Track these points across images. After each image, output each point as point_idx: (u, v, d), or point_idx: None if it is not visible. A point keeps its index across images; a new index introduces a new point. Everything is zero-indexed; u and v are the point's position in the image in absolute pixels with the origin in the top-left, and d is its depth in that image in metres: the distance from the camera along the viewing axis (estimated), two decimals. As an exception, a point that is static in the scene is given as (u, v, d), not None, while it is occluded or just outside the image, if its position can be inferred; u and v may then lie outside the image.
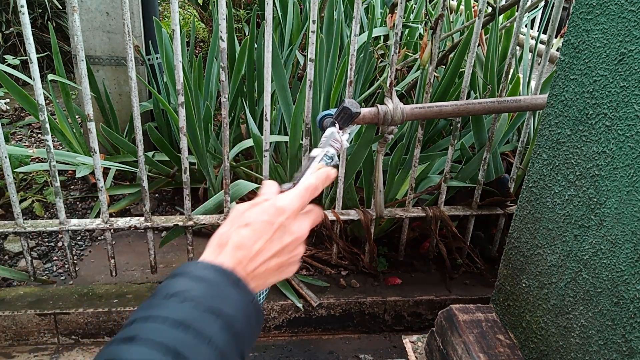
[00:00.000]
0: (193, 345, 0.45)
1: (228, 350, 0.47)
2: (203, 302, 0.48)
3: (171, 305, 0.47)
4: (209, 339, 0.46)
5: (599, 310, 0.98)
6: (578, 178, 1.03)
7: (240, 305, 0.50)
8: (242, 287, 0.52)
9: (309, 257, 1.86)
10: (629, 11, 0.89)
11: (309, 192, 0.61)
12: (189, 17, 4.70)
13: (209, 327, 0.46)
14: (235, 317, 0.49)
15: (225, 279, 0.51)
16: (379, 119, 1.42)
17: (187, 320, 0.46)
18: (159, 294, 0.49)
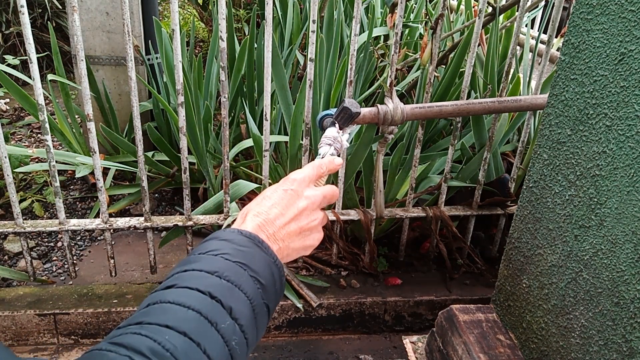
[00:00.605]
0: (225, 289, 0.50)
1: (256, 299, 0.52)
2: (232, 257, 0.53)
3: (204, 259, 0.53)
4: (239, 286, 0.51)
5: (600, 310, 0.98)
6: (578, 178, 1.03)
7: (264, 264, 0.55)
8: (265, 248, 0.57)
9: (309, 258, 1.86)
10: (629, 11, 0.88)
11: (316, 168, 0.68)
12: (189, 17, 4.70)
13: (238, 276, 0.52)
14: (260, 273, 0.54)
15: (250, 241, 0.56)
16: (379, 119, 1.42)
17: (219, 270, 0.52)
18: (194, 253, 0.55)
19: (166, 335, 0.45)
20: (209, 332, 0.47)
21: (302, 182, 0.65)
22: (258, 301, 0.53)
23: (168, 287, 0.51)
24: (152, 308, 0.49)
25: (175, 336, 0.45)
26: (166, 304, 0.48)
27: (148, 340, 0.44)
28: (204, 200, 1.87)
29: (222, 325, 0.48)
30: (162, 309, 0.48)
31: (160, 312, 0.48)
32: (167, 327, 0.46)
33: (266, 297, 0.54)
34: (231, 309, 0.49)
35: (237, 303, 0.50)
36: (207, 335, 0.47)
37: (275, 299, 0.56)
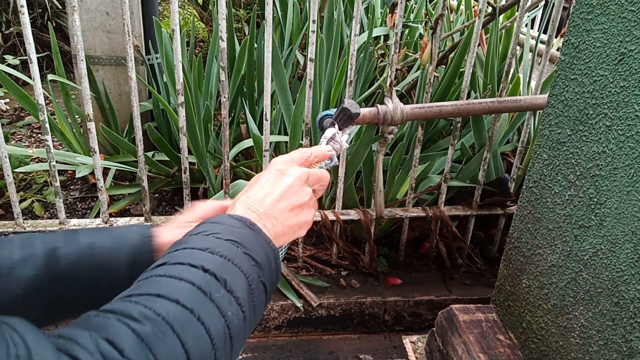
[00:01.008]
0: (219, 263, 0.49)
1: (252, 275, 0.51)
2: (223, 236, 0.52)
3: (196, 238, 0.52)
4: (233, 261, 0.50)
5: (599, 310, 0.98)
6: (578, 178, 1.03)
7: (257, 244, 0.54)
8: (257, 230, 0.56)
9: (309, 257, 1.86)
10: (629, 11, 0.88)
11: (301, 152, 0.69)
12: (189, 17, 4.70)
13: (232, 252, 0.51)
14: (254, 251, 0.53)
15: (241, 223, 0.55)
16: (379, 119, 1.42)
17: (211, 247, 0.50)
18: (184, 236, 0.54)
19: (157, 302, 0.43)
20: (203, 301, 0.45)
21: (285, 162, 0.65)
22: (254, 277, 0.51)
23: (159, 265, 0.49)
24: (142, 282, 0.47)
25: (167, 303, 0.44)
26: (157, 277, 0.47)
27: (138, 305, 0.43)
28: (204, 200, 1.87)
29: (217, 295, 0.46)
30: (152, 281, 0.47)
31: (150, 283, 0.46)
32: (158, 295, 0.44)
33: (262, 275, 0.52)
34: (225, 282, 0.48)
35: (232, 276, 0.49)
36: (201, 303, 0.45)
37: (271, 279, 0.55)
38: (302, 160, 0.69)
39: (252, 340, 1.71)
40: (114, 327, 0.41)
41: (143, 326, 0.41)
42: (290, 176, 0.63)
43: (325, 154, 0.74)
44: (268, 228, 0.58)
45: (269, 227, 0.58)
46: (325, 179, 0.68)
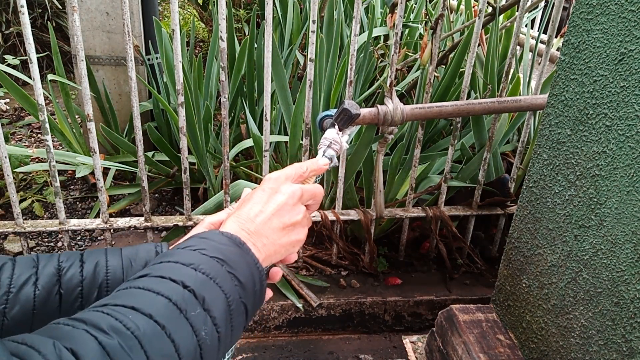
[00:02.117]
0: (200, 281, 0.49)
1: (232, 295, 0.51)
2: (209, 252, 0.52)
3: (181, 253, 0.52)
4: (215, 279, 0.49)
5: (599, 310, 0.98)
6: (578, 178, 1.03)
7: (244, 263, 0.54)
8: (246, 250, 0.55)
9: (309, 257, 1.86)
10: (629, 11, 0.88)
11: (295, 168, 0.68)
12: (189, 17, 4.70)
13: (215, 270, 0.50)
14: (238, 271, 0.52)
15: (230, 241, 0.55)
16: (379, 120, 1.42)
17: (195, 263, 0.50)
18: (171, 249, 0.54)
19: (130, 315, 0.43)
20: (177, 319, 0.45)
21: (278, 179, 0.64)
22: (234, 297, 0.51)
23: (141, 276, 0.49)
24: (120, 292, 0.47)
25: (139, 317, 0.43)
26: (135, 289, 0.47)
27: (109, 317, 0.43)
28: (204, 200, 1.87)
29: (192, 313, 0.46)
30: (130, 293, 0.47)
31: (127, 295, 0.46)
32: (132, 308, 0.44)
33: (244, 296, 0.52)
34: (204, 300, 0.48)
35: (211, 295, 0.48)
36: (174, 320, 0.45)
37: (254, 300, 0.55)
38: (296, 177, 0.68)
39: (252, 340, 1.71)
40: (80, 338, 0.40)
41: (110, 339, 0.41)
42: (283, 194, 0.62)
43: (320, 168, 0.72)
44: (258, 247, 0.57)
45: (258, 246, 0.58)
46: (319, 195, 0.67)
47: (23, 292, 0.58)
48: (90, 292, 0.62)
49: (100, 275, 0.63)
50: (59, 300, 0.60)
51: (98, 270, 0.63)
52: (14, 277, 0.58)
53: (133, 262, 0.65)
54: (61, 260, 0.62)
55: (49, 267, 0.61)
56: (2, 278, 0.57)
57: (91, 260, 0.63)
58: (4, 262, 0.59)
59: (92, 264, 0.63)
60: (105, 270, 0.63)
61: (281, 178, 0.65)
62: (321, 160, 0.75)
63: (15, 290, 0.57)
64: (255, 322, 1.71)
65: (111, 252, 0.66)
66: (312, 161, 0.73)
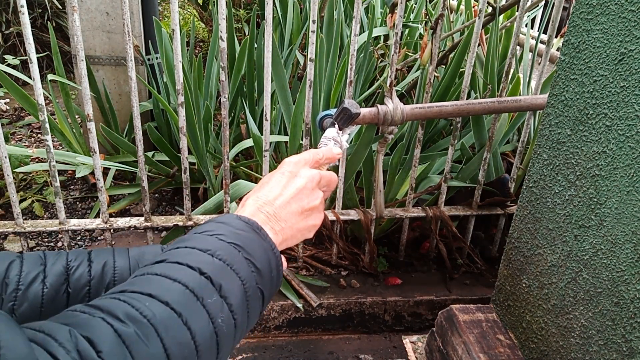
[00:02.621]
0: (217, 267, 0.49)
1: (249, 282, 0.50)
2: (226, 238, 0.52)
3: (199, 238, 0.52)
4: (232, 266, 0.49)
5: (599, 310, 0.98)
6: (578, 178, 1.03)
7: (261, 249, 0.53)
8: (263, 235, 0.55)
9: (309, 257, 1.86)
10: (629, 11, 0.88)
11: (312, 153, 0.68)
12: (189, 17, 4.70)
13: (232, 256, 0.50)
14: (255, 257, 0.52)
15: (247, 226, 0.54)
16: (379, 119, 1.42)
17: (212, 249, 0.50)
18: (189, 233, 0.54)
19: (146, 302, 0.43)
20: (194, 306, 0.45)
21: (298, 163, 0.64)
22: (251, 284, 0.51)
23: (158, 261, 0.49)
24: (137, 278, 0.47)
25: (156, 304, 0.43)
26: (152, 275, 0.47)
27: (125, 305, 0.43)
28: (204, 200, 1.87)
29: (209, 301, 0.46)
30: (147, 279, 0.47)
31: (145, 281, 0.46)
32: (149, 295, 0.44)
33: (261, 282, 0.52)
34: (221, 287, 0.47)
35: (228, 282, 0.48)
36: (191, 308, 0.45)
37: (271, 286, 0.54)
38: (314, 162, 0.68)
39: (252, 340, 1.71)
40: (97, 326, 0.40)
41: (126, 327, 0.41)
42: (303, 178, 0.62)
43: (334, 156, 0.73)
44: (276, 230, 0.57)
45: (277, 230, 0.58)
46: (334, 182, 0.68)
47: (31, 289, 0.58)
48: (97, 291, 0.62)
49: (108, 276, 0.63)
50: (67, 299, 0.60)
51: (106, 270, 0.63)
52: (22, 274, 0.58)
53: (140, 264, 0.66)
54: (69, 259, 0.62)
55: (58, 266, 0.61)
56: (10, 275, 0.58)
57: (99, 261, 0.64)
58: (12, 259, 0.59)
59: (100, 264, 0.63)
60: (113, 271, 0.64)
61: (301, 162, 0.65)
62: (335, 149, 0.75)
63: (24, 287, 0.58)
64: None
65: (118, 252, 0.66)
66: (327, 148, 0.74)
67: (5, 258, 0.59)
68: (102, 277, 0.63)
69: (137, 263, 0.66)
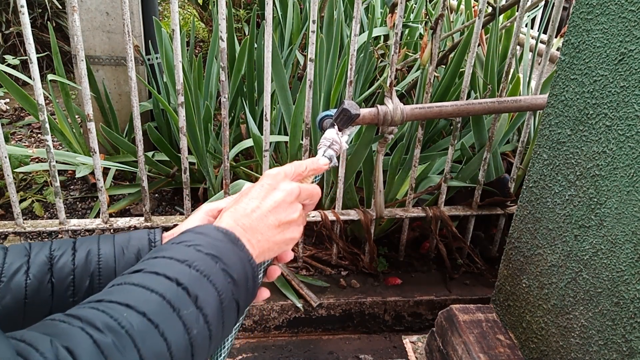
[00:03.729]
0: (193, 278, 0.49)
1: (225, 293, 0.51)
2: (204, 249, 0.52)
3: (176, 248, 0.52)
4: (208, 277, 0.50)
5: (599, 310, 0.98)
6: (578, 178, 1.03)
7: (237, 260, 0.54)
8: (240, 246, 0.55)
9: (309, 257, 1.86)
10: (629, 11, 0.88)
11: (295, 166, 0.68)
12: (189, 17, 4.70)
13: (209, 267, 0.51)
14: (232, 267, 0.53)
15: (225, 237, 0.55)
16: (379, 120, 1.42)
17: (189, 259, 0.51)
18: (167, 243, 0.54)
19: (124, 313, 0.44)
20: (170, 317, 0.46)
21: (277, 176, 0.64)
22: (227, 295, 0.51)
23: (135, 271, 0.50)
24: (115, 288, 0.48)
25: (133, 315, 0.44)
26: (130, 285, 0.47)
27: (104, 315, 0.43)
28: (204, 200, 1.87)
29: (185, 312, 0.47)
30: (124, 289, 0.47)
31: (122, 291, 0.47)
32: (127, 306, 0.45)
33: (237, 292, 0.53)
34: (197, 298, 0.48)
35: (204, 293, 0.49)
36: (167, 319, 0.45)
37: (246, 297, 0.55)
38: (295, 175, 0.67)
39: (252, 340, 1.71)
40: (76, 336, 0.41)
41: (105, 337, 0.42)
42: (281, 191, 0.62)
43: (320, 167, 0.72)
44: (252, 243, 0.57)
45: (253, 243, 0.58)
46: (316, 195, 0.67)
47: (14, 281, 0.58)
48: (82, 280, 0.62)
49: (92, 264, 0.63)
50: (51, 289, 0.60)
51: (90, 258, 0.63)
52: (5, 266, 0.58)
53: (125, 250, 0.65)
54: (53, 249, 0.62)
55: (41, 256, 0.60)
56: None
57: (83, 249, 0.63)
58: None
59: (84, 252, 0.63)
60: (98, 259, 0.63)
61: (280, 175, 0.64)
62: (321, 160, 0.74)
63: (7, 279, 0.57)
64: (255, 322, 1.71)
65: (103, 239, 0.65)
66: (312, 160, 0.72)
67: None
68: (86, 266, 0.62)
69: (123, 249, 0.65)
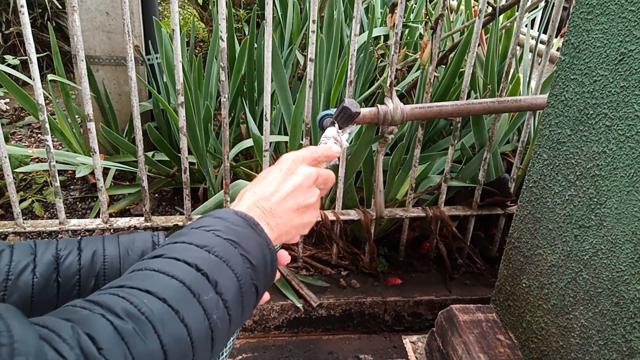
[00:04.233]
0: (213, 263, 0.50)
1: (244, 278, 0.51)
2: (223, 234, 0.53)
3: (196, 233, 0.53)
4: (228, 262, 0.50)
5: (599, 310, 0.98)
6: (578, 178, 1.03)
7: (256, 245, 0.54)
8: (259, 231, 0.56)
9: (309, 257, 1.86)
10: (629, 11, 0.88)
11: (311, 151, 0.68)
12: (189, 17, 4.70)
13: (228, 253, 0.51)
14: (251, 253, 0.53)
15: (244, 222, 0.55)
16: (379, 119, 1.42)
17: (209, 245, 0.51)
18: (186, 228, 0.55)
19: (144, 299, 0.44)
20: (190, 302, 0.46)
21: (296, 160, 0.65)
22: (246, 280, 0.52)
23: (156, 256, 0.50)
24: (135, 274, 0.48)
25: (153, 301, 0.44)
26: (150, 271, 0.48)
27: (124, 301, 0.44)
28: (204, 200, 1.87)
29: (205, 297, 0.47)
30: (145, 275, 0.47)
31: (142, 277, 0.47)
32: (147, 292, 0.45)
33: (255, 277, 0.53)
34: (216, 283, 0.48)
35: (224, 278, 0.49)
36: (187, 304, 0.46)
37: (265, 281, 0.55)
38: (312, 159, 0.68)
39: (252, 340, 1.71)
40: (97, 323, 0.41)
41: (125, 324, 0.42)
42: (300, 175, 0.63)
43: (333, 154, 0.73)
44: (271, 226, 0.58)
45: (272, 226, 0.58)
46: (331, 180, 0.68)
47: (21, 279, 0.58)
48: (87, 280, 0.62)
49: (98, 264, 0.63)
50: (57, 288, 0.60)
51: (95, 259, 0.63)
52: (12, 264, 0.59)
53: (130, 251, 0.66)
54: (59, 248, 0.62)
55: (47, 255, 0.61)
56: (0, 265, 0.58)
57: (89, 249, 0.64)
58: (2, 248, 0.60)
59: (89, 252, 0.63)
60: (103, 259, 0.64)
61: (299, 159, 0.65)
62: (335, 147, 0.75)
63: (14, 277, 0.58)
64: (255, 322, 1.71)
65: (108, 240, 0.66)
66: (325, 147, 0.73)
67: None
68: (91, 266, 0.63)
69: (127, 250, 0.66)
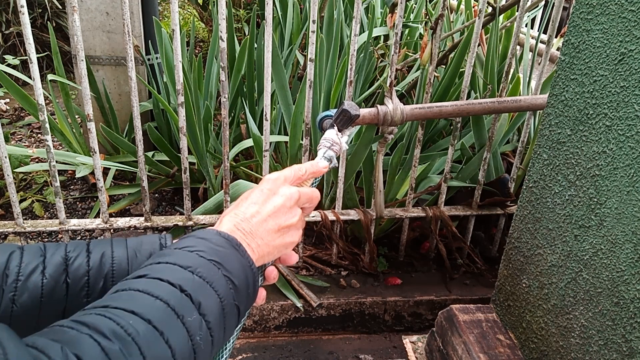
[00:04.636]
0: (197, 284, 0.50)
1: (227, 299, 0.52)
2: (207, 255, 0.53)
3: (179, 253, 0.53)
4: (211, 283, 0.51)
5: (599, 310, 0.98)
6: (578, 178, 1.03)
7: (239, 265, 0.55)
8: (242, 252, 0.56)
9: (309, 257, 1.86)
10: (629, 11, 0.88)
11: (294, 170, 0.68)
12: (189, 17, 4.70)
13: (211, 274, 0.52)
14: (233, 273, 0.54)
15: (227, 242, 0.56)
16: (379, 120, 1.42)
17: (192, 266, 0.52)
18: (169, 248, 0.55)
19: (130, 320, 0.45)
20: (174, 324, 0.47)
21: (277, 180, 0.65)
22: (229, 301, 0.52)
23: (139, 276, 0.51)
24: (119, 294, 0.49)
25: (139, 322, 0.45)
26: (135, 291, 0.48)
27: (111, 322, 0.44)
28: (204, 200, 1.87)
29: (189, 319, 0.48)
30: (130, 295, 0.48)
31: (127, 298, 0.48)
32: (132, 312, 0.46)
33: (238, 298, 0.54)
34: (200, 304, 0.49)
35: (207, 299, 0.50)
36: (172, 326, 0.46)
37: (247, 301, 0.56)
38: (295, 179, 0.68)
39: (252, 340, 1.71)
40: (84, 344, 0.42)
41: (112, 344, 0.43)
42: (281, 196, 0.63)
43: (319, 170, 0.73)
44: (252, 248, 0.59)
45: (253, 247, 0.59)
46: (315, 198, 0.68)
47: (31, 280, 0.59)
48: (96, 282, 0.63)
49: (106, 266, 0.64)
50: (66, 289, 0.61)
51: (104, 261, 0.64)
52: (22, 265, 0.59)
53: (138, 254, 0.67)
54: (68, 250, 0.63)
55: (57, 257, 0.62)
56: (11, 266, 0.59)
57: (97, 251, 0.65)
58: (13, 250, 0.61)
59: (98, 254, 0.64)
60: (111, 261, 0.64)
61: (280, 179, 0.65)
62: (321, 163, 0.75)
63: (24, 278, 0.59)
64: (255, 322, 1.71)
65: (116, 242, 0.67)
66: (311, 163, 0.73)
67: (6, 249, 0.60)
68: (100, 268, 0.64)
69: (135, 253, 0.66)
